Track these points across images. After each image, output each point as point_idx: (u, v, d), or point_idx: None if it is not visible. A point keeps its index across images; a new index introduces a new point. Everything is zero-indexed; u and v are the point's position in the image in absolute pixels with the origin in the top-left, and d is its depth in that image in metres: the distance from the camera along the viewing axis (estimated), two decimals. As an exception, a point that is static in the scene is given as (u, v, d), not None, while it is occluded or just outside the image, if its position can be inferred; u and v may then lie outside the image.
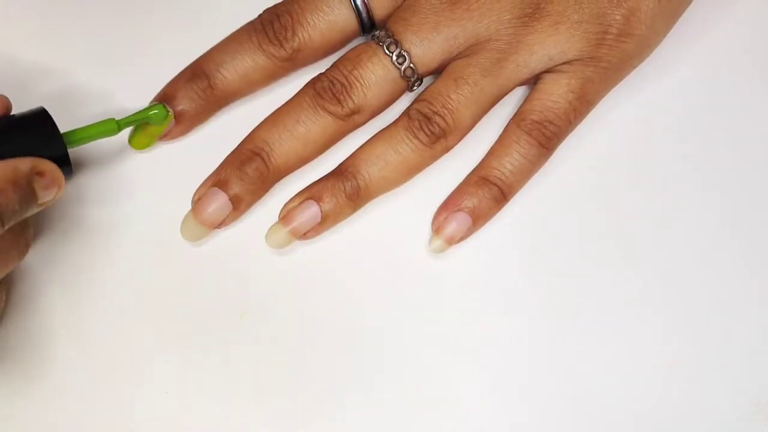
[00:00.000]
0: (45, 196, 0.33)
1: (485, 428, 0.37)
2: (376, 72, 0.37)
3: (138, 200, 0.38)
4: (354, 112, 0.37)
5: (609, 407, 0.37)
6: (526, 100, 0.38)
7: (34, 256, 0.38)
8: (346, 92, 0.37)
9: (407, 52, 0.37)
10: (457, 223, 0.37)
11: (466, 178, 0.38)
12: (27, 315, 0.37)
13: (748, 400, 0.37)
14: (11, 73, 0.39)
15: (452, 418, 0.36)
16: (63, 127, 0.34)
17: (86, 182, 0.38)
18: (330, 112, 0.37)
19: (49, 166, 0.33)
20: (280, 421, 0.36)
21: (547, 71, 0.38)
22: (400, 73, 0.37)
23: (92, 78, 0.39)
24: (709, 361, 0.37)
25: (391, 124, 0.38)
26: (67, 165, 0.34)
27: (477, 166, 0.38)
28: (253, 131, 0.38)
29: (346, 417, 0.36)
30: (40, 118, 0.34)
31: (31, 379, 0.36)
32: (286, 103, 0.38)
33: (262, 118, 0.38)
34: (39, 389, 0.36)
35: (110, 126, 0.36)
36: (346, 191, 0.37)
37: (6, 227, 0.32)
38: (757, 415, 0.37)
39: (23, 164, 0.33)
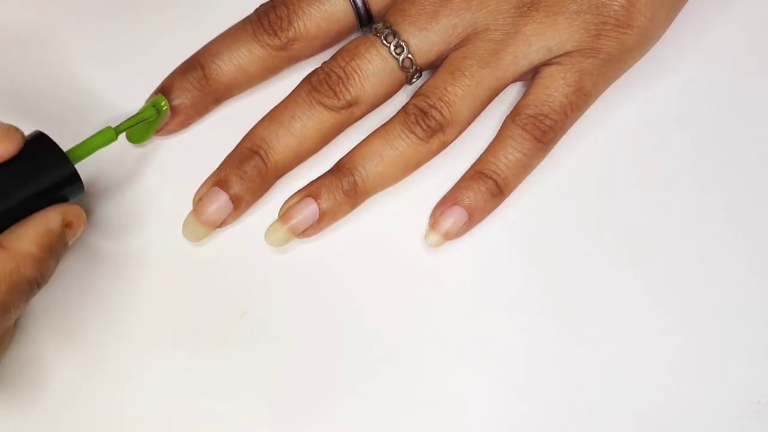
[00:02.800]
0: (72, 241, 0.34)
1: (486, 427, 0.36)
2: (374, 63, 0.37)
3: (138, 200, 0.39)
4: (351, 104, 0.37)
5: (609, 406, 0.36)
6: (524, 94, 0.38)
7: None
8: (343, 84, 0.37)
9: (405, 42, 0.37)
10: (453, 217, 0.37)
11: (463, 174, 0.38)
12: (26, 315, 0.37)
13: (748, 399, 0.37)
14: (11, 72, 0.39)
15: (455, 417, 0.36)
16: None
17: (86, 182, 0.38)
18: (326, 106, 0.37)
19: (74, 213, 0.34)
20: (281, 420, 0.36)
21: (546, 64, 0.37)
22: (399, 63, 0.37)
23: (92, 75, 0.40)
24: (710, 359, 0.37)
25: (388, 120, 0.38)
26: (78, 182, 0.34)
27: (474, 162, 0.38)
28: (251, 129, 0.38)
29: (346, 416, 0.36)
30: (43, 145, 0.34)
31: (30, 378, 0.36)
32: (284, 99, 0.38)
33: (262, 116, 0.38)
34: (38, 389, 0.36)
35: (109, 135, 0.36)
36: (344, 188, 0.37)
37: (41, 288, 0.33)
38: (758, 414, 0.36)
39: (53, 222, 0.33)
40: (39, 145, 0.34)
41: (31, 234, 0.33)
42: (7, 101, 0.39)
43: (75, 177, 0.34)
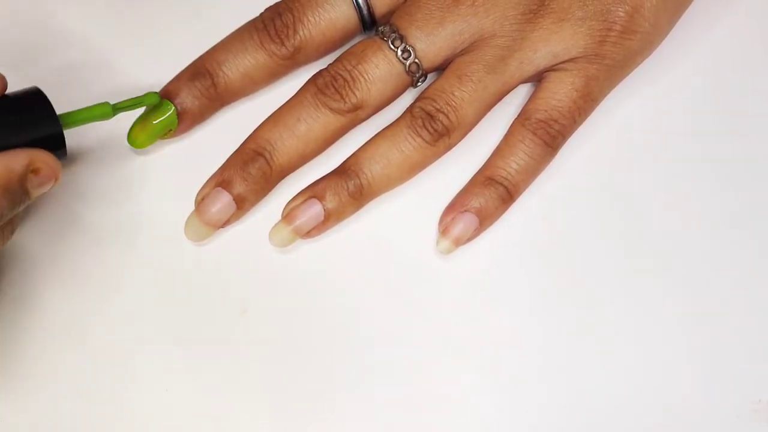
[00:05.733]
0: (39, 192, 0.33)
1: (488, 428, 0.36)
2: (381, 67, 0.37)
3: (140, 199, 0.38)
4: (357, 108, 0.37)
5: (610, 406, 0.37)
6: (531, 99, 0.38)
7: (36, 255, 0.37)
8: (349, 87, 0.37)
9: (412, 47, 0.37)
10: (464, 223, 0.37)
11: (472, 178, 0.38)
12: (27, 314, 0.37)
13: (748, 399, 0.37)
14: (13, 70, 0.39)
15: (457, 418, 0.36)
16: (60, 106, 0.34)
17: (88, 181, 0.38)
18: (332, 109, 0.37)
19: (45, 161, 0.32)
20: (281, 420, 0.36)
21: (552, 69, 0.38)
22: (405, 68, 0.37)
23: (93, 74, 0.39)
24: (710, 359, 0.37)
25: (394, 122, 0.38)
26: (62, 147, 0.33)
27: (482, 166, 0.38)
28: (256, 130, 0.37)
29: (347, 416, 0.36)
30: (35, 98, 0.33)
31: (30, 378, 0.36)
32: (289, 100, 0.38)
33: (265, 116, 0.38)
34: (38, 388, 0.36)
35: (105, 109, 0.35)
36: (349, 190, 0.37)
37: None
38: (758, 413, 0.37)
39: (17, 163, 0.32)
40: (31, 99, 0.33)
41: None
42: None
43: (60, 138, 0.33)
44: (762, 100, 0.40)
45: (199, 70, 0.37)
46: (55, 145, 0.33)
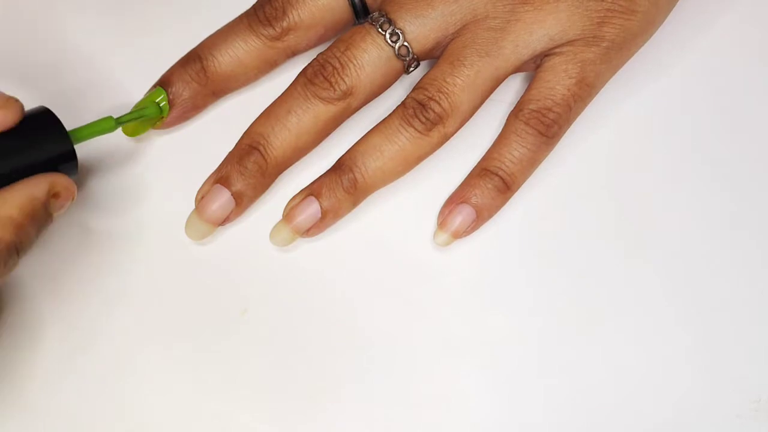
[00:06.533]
0: (59, 214, 0.34)
1: (490, 428, 0.36)
2: (370, 51, 0.36)
3: (139, 198, 0.38)
4: (347, 95, 0.36)
5: (609, 405, 0.36)
6: (526, 90, 0.38)
7: (36, 255, 0.37)
8: (338, 74, 0.36)
9: (401, 30, 0.36)
10: (461, 216, 0.37)
11: (469, 172, 0.38)
12: (27, 313, 0.37)
13: (748, 398, 0.37)
14: (12, 65, 0.39)
15: (458, 418, 0.36)
16: (65, 118, 0.34)
17: (87, 181, 0.38)
18: (322, 99, 0.36)
19: (62, 184, 0.33)
20: (281, 419, 0.36)
21: (548, 54, 0.37)
22: (395, 51, 0.36)
23: (92, 71, 0.40)
24: (710, 358, 0.37)
25: (387, 115, 0.37)
26: (73, 161, 0.34)
27: (479, 160, 0.38)
28: (250, 125, 0.37)
29: (347, 415, 0.36)
30: (45, 118, 0.34)
31: (30, 378, 0.36)
32: (281, 94, 0.37)
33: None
34: (38, 388, 0.36)
35: (109, 123, 0.36)
36: (344, 185, 0.37)
37: (21, 257, 0.32)
38: (758, 412, 0.36)
39: (39, 190, 0.33)
40: (42, 120, 0.34)
41: (14, 198, 0.32)
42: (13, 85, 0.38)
43: (72, 155, 0.34)
44: (762, 100, 0.40)
45: (191, 57, 0.38)
46: (67, 161, 0.34)
